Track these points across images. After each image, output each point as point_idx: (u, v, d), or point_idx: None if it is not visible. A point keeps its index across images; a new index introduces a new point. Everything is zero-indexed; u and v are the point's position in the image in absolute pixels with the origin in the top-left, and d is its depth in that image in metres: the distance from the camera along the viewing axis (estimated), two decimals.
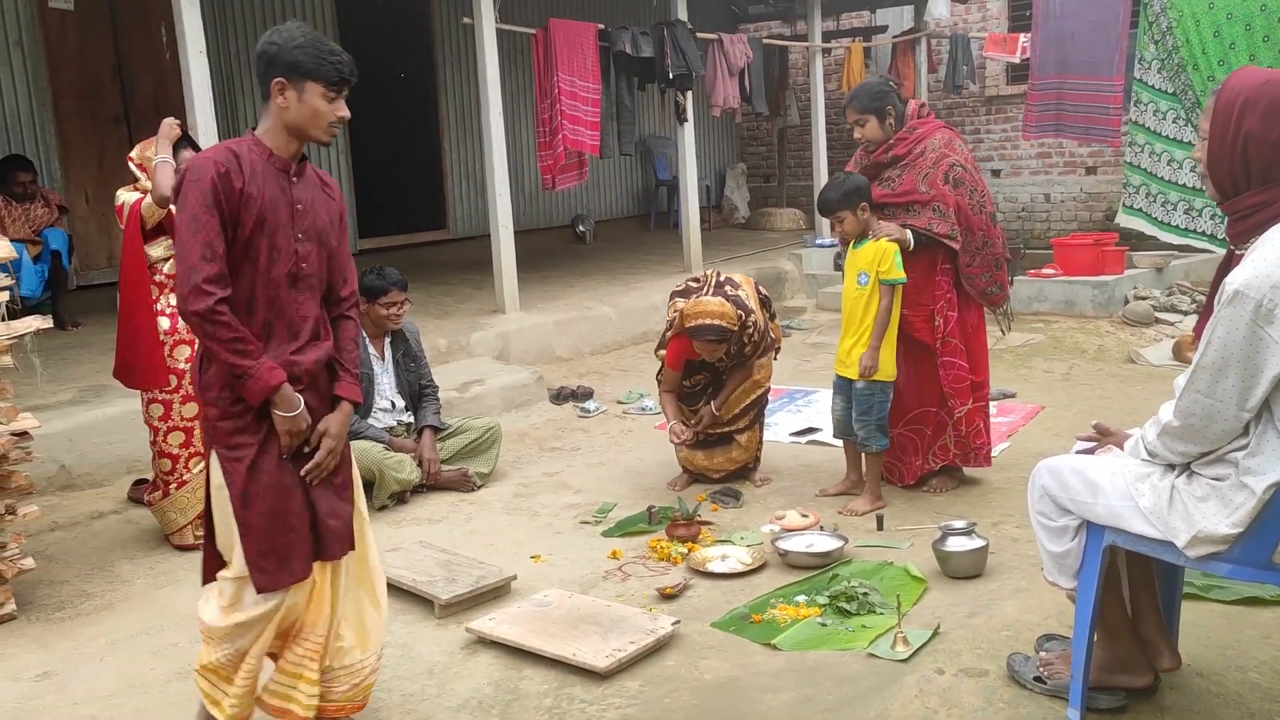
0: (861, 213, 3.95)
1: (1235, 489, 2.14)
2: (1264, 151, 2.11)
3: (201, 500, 3.95)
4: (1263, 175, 2.13)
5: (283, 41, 2.38)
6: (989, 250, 4.12)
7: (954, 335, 4.12)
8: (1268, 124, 2.09)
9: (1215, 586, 3.10)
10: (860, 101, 4.08)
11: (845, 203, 3.95)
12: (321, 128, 2.44)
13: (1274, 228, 2.12)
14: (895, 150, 4.06)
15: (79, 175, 7.60)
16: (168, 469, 4.03)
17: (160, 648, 3.26)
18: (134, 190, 4.03)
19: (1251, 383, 2.07)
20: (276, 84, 2.38)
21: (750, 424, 4.51)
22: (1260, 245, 2.12)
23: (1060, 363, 6.51)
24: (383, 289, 4.53)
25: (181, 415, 4.00)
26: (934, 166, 4.03)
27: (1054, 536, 2.48)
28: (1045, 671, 2.66)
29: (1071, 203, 11.14)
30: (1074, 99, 8.45)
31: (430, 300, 7.62)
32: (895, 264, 3.91)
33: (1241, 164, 2.14)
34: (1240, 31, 6.86)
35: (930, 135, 4.08)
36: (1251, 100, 2.11)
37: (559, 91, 7.24)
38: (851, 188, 3.95)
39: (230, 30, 8.23)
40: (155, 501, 4.08)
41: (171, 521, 4.05)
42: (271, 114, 2.42)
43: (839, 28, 12.18)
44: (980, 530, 3.55)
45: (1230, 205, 2.19)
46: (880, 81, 4.22)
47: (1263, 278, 2.04)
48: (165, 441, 4.02)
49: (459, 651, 3.12)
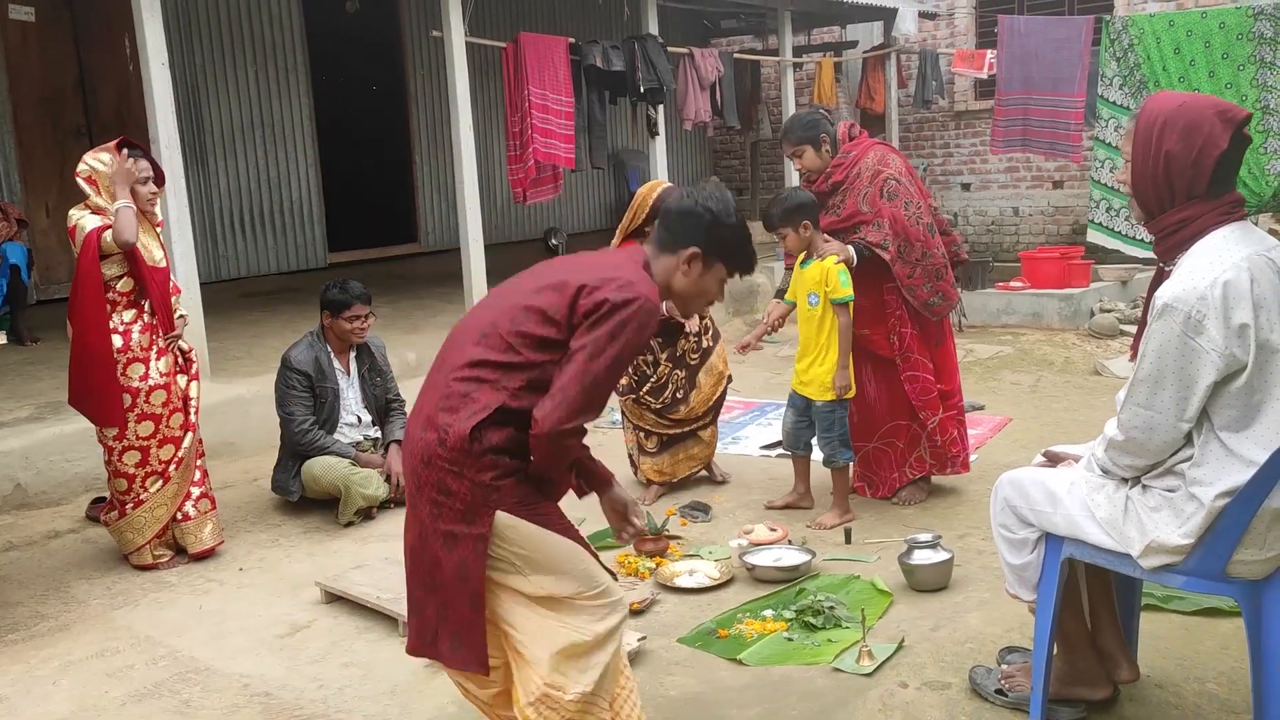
0: (803, 230, 3.95)
1: (1185, 500, 2.17)
2: (1184, 170, 2.16)
3: (160, 519, 3.96)
4: (1185, 192, 2.18)
5: (719, 212, 2.27)
6: (929, 261, 4.11)
7: (914, 349, 4.14)
8: (1186, 144, 2.15)
9: (1175, 598, 3.12)
10: (795, 133, 4.13)
11: (786, 220, 3.95)
12: (698, 305, 2.40)
13: (1198, 243, 2.17)
14: (834, 177, 4.11)
15: (40, 188, 7.50)
16: (124, 489, 3.96)
17: (116, 670, 3.20)
18: (87, 210, 3.88)
19: (1187, 393, 2.11)
20: (691, 253, 2.27)
21: (713, 419, 4.62)
22: (1186, 260, 2.17)
23: (1028, 375, 6.57)
24: (345, 303, 4.49)
25: (137, 434, 3.93)
26: (870, 185, 4.07)
27: (1014, 549, 2.49)
28: (1007, 684, 2.67)
29: (1039, 216, 11.26)
30: (1039, 114, 8.57)
31: (400, 314, 7.57)
32: (840, 282, 3.92)
33: (1164, 183, 2.19)
34: (1200, 48, 6.99)
35: (864, 156, 4.12)
36: (1170, 121, 2.17)
37: (530, 105, 7.23)
38: (794, 204, 3.96)
39: (194, 41, 8.16)
40: (112, 522, 4.01)
41: (129, 541, 3.98)
42: (663, 267, 2.28)
43: (810, 43, 12.27)
44: (946, 543, 3.57)
45: (1156, 224, 2.25)
46: (810, 111, 4.28)
47: (1190, 290, 2.09)
48: (120, 461, 3.94)
49: (423, 670, 3.08)
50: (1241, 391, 2.10)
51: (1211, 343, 2.07)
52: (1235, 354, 2.07)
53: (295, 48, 8.82)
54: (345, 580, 3.62)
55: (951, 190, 11.75)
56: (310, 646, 3.30)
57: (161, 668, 3.20)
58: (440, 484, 2.14)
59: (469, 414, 2.12)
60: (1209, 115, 2.15)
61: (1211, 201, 2.18)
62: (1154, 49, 7.14)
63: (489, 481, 2.12)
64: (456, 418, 2.12)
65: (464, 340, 2.24)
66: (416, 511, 2.23)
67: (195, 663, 3.22)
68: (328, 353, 4.57)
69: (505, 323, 2.18)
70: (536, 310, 2.16)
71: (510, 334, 2.16)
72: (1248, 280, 2.08)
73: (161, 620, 3.55)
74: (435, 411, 2.17)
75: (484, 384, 2.14)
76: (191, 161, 7.80)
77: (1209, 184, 2.16)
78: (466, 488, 2.12)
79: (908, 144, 11.81)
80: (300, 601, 3.65)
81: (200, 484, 4.11)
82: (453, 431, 2.11)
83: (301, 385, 4.46)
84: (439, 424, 2.14)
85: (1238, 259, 2.11)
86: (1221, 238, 2.16)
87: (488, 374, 2.15)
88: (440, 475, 2.14)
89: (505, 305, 2.23)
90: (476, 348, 2.18)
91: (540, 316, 2.15)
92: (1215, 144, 2.14)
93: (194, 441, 4.08)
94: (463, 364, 2.18)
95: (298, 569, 3.96)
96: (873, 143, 4.20)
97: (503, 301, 2.26)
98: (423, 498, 2.19)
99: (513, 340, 2.15)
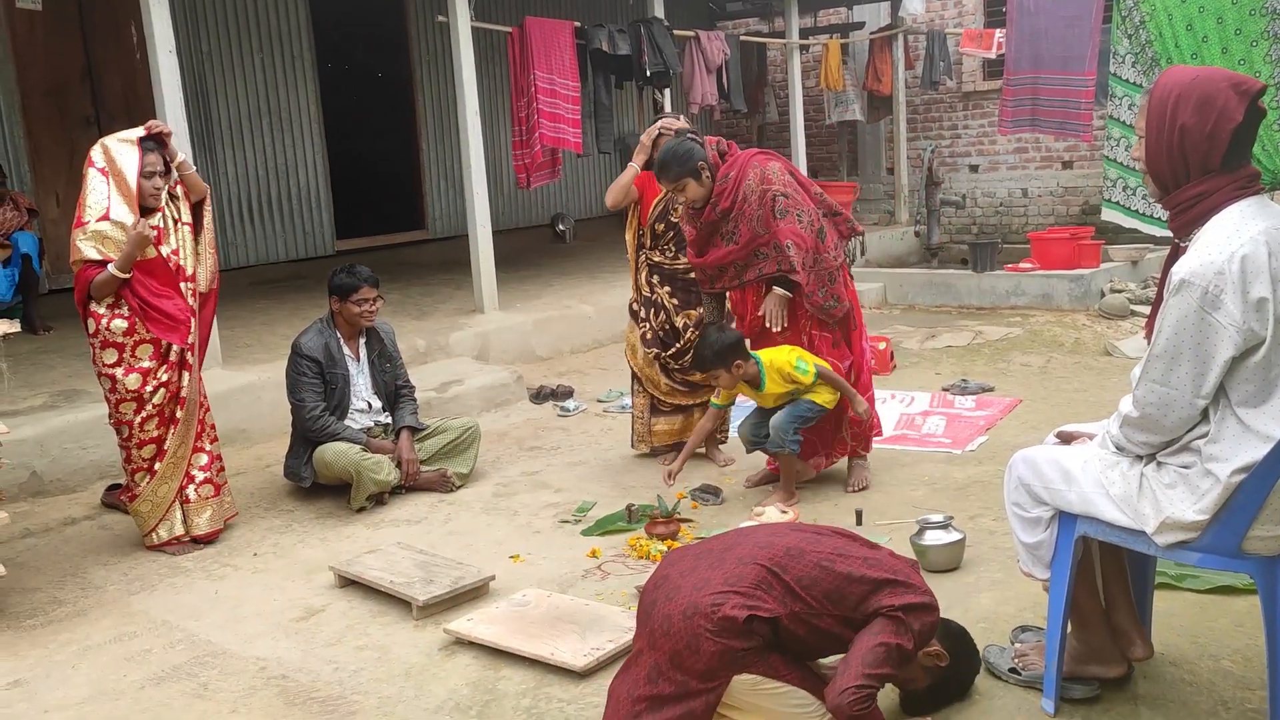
0: (737, 370, 3.97)
1: (1201, 476, 2.16)
2: (1199, 143, 2.15)
3: (169, 494, 3.96)
4: (1200, 167, 2.17)
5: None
6: (820, 267, 4.10)
7: (824, 349, 4.17)
8: (1201, 117, 2.13)
9: (1188, 576, 3.12)
10: (673, 170, 4.04)
11: (718, 361, 3.96)
12: None
13: (1214, 217, 2.16)
14: (722, 204, 4.08)
15: (49, 177, 7.52)
16: (150, 455, 3.99)
17: (133, 654, 3.22)
18: (90, 242, 3.85)
19: (1204, 369, 2.10)
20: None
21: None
22: (1203, 235, 2.16)
23: (1038, 356, 6.55)
24: (354, 286, 4.50)
25: (154, 403, 3.95)
26: (760, 206, 4.05)
27: (1028, 527, 2.49)
28: (1020, 663, 2.67)
29: (1048, 197, 11.20)
30: (1048, 94, 8.50)
31: (409, 301, 7.59)
32: (801, 372, 3.96)
33: (1179, 157, 2.18)
34: (1212, 25, 6.91)
35: (744, 177, 4.06)
36: (1184, 95, 2.16)
37: (536, 89, 7.21)
38: (722, 346, 3.96)
39: (201, 29, 8.16)
40: (131, 500, 4.04)
41: (145, 520, 4.01)
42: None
43: (817, 24, 12.20)
44: (957, 523, 3.56)
45: (1171, 199, 2.23)
46: (679, 141, 4.12)
47: (1206, 265, 2.08)
48: (142, 430, 3.97)
49: (437, 653, 3.10)
50: (1259, 366, 2.09)
51: (1229, 318, 2.06)
52: (1253, 329, 2.06)
53: (302, 35, 8.81)
54: (359, 565, 3.64)
55: (960, 172, 11.69)
56: (325, 630, 3.32)
57: (179, 651, 3.22)
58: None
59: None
60: (1223, 88, 2.13)
61: (1227, 175, 2.16)
62: (1166, 26, 7.06)
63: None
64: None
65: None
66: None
67: (212, 646, 3.24)
68: (337, 339, 4.58)
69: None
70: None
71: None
72: (1265, 254, 2.07)
73: (178, 605, 3.58)
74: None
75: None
76: (199, 150, 7.81)
77: (1224, 157, 2.15)
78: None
79: (915, 125, 11.75)
80: (314, 586, 3.67)
81: (206, 469, 4.12)
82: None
83: (312, 371, 4.48)
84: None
85: (1255, 233, 2.09)
86: (1238, 212, 2.14)
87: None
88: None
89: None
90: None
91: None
92: (1230, 117, 2.12)
93: (186, 428, 4.07)
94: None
95: (311, 554, 3.98)
96: (747, 157, 4.14)
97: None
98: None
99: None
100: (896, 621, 2.32)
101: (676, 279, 4.70)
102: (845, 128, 11.95)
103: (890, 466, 4.56)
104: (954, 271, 8.82)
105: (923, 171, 10.41)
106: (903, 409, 5.51)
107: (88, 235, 3.86)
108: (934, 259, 10.32)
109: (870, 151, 12.31)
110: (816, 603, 2.36)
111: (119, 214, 3.88)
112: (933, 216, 10.41)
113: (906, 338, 7.22)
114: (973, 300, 8.24)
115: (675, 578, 2.45)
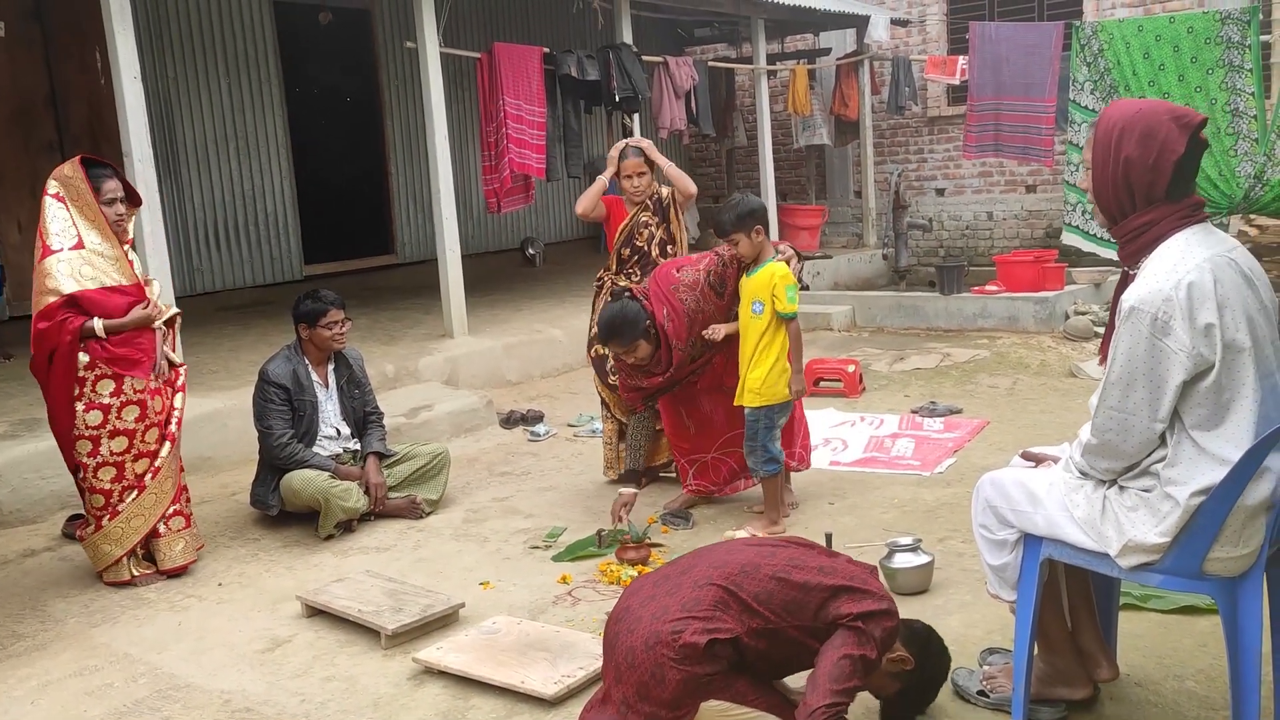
0: (755, 235, 3.97)
1: (1161, 499, 2.20)
2: (1143, 175, 2.20)
3: (138, 530, 3.90)
4: (1145, 197, 2.22)
5: None
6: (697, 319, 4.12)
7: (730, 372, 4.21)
8: (1144, 149, 2.18)
9: (1153, 596, 3.15)
10: (625, 336, 3.98)
11: (739, 225, 3.95)
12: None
13: (1161, 245, 2.21)
14: (676, 358, 4.10)
15: (11, 204, 7.42)
16: (100, 504, 3.91)
17: (94, 688, 3.16)
18: (66, 267, 3.77)
19: (1159, 393, 2.14)
20: None
21: None
22: (1150, 262, 2.21)
23: (1005, 377, 6.62)
24: (322, 310, 4.48)
25: (110, 450, 3.88)
26: (688, 324, 4.06)
27: (994, 549, 2.51)
28: (989, 685, 2.69)
29: (1013, 220, 11.36)
30: (1011, 119, 8.66)
31: (378, 326, 7.55)
32: (788, 298, 3.95)
33: (1125, 189, 2.23)
34: (1169, 53, 7.08)
35: (666, 327, 4.04)
36: (1128, 129, 2.21)
37: (505, 115, 7.24)
38: (745, 210, 3.95)
39: (167, 54, 8.11)
40: (88, 536, 3.96)
41: (105, 555, 3.93)
42: None
43: (784, 50, 12.34)
44: (926, 546, 3.59)
45: (1119, 229, 2.28)
46: (619, 306, 4.02)
47: (1155, 293, 2.13)
48: (95, 477, 3.89)
49: (406, 682, 3.07)
50: (1210, 390, 2.13)
51: (1179, 343, 2.10)
52: (1203, 353, 2.11)
53: (268, 60, 8.78)
54: (326, 594, 3.60)
55: (926, 195, 11.84)
56: (291, 661, 3.27)
57: (141, 685, 3.16)
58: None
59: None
60: (1165, 120, 2.18)
61: (1172, 205, 2.21)
62: (1124, 54, 7.23)
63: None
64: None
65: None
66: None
67: (175, 680, 3.19)
68: (305, 365, 4.55)
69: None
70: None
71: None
72: (1211, 281, 2.12)
73: (140, 637, 3.52)
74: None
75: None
76: (165, 175, 7.74)
77: (1168, 188, 2.20)
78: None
79: (882, 149, 11.90)
80: (281, 616, 3.62)
81: (176, 500, 4.07)
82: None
83: (279, 399, 4.44)
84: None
85: (1200, 260, 2.14)
86: (1184, 240, 2.19)
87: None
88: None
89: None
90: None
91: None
92: (1172, 149, 2.17)
93: (172, 454, 4.03)
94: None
95: (278, 583, 3.93)
96: (655, 297, 4.10)
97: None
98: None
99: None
100: (857, 632, 2.34)
101: None
102: (813, 152, 12.09)
103: (860, 489, 4.58)
104: (922, 294, 8.91)
105: (890, 195, 10.54)
106: (872, 431, 5.54)
107: (63, 262, 3.79)
108: (902, 281, 10.43)
109: (838, 175, 12.44)
110: (775, 616, 2.38)
111: (93, 242, 3.84)
112: (900, 239, 10.54)
113: (875, 360, 7.28)
114: (940, 322, 8.34)
115: (635, 608, 2.45)
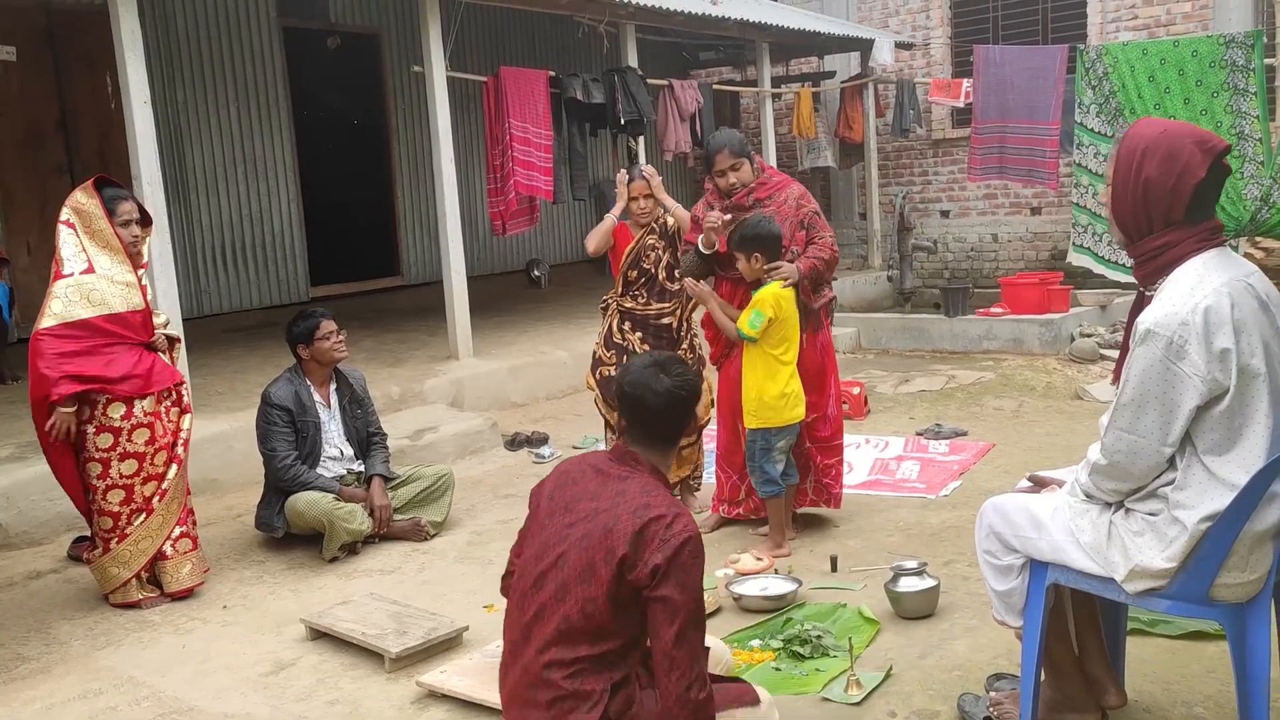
0: (754, 261, 4.04)
1: (1168, 523, 2.18)
2: (1162, 197, 2.20)
3: (145, 552, 3.91)
4: (1163, 219, 2.22)
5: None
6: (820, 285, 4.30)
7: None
8: (1165, 171, 2.19)
9: (1161, 622, 3.13)
10: (736, 145, 4.29)
11: (740, 246, 4.06)
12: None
13: (1178, 268, 2.20)
14: (757, 194, 4.28)
15: (21, 227, 7.47)
16: (108, 526, 3.92)
17: (98, 711, 3.15)
18: (74, 290, 3.79)
19: (1170, 417, 2.13)
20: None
21: (696, 436, 4.70)
22: (1167, 285, 2.20)
23: (1010, 400, 6.61)
24: (315, 325, 4.52)
25: (120, 473, 3.89)
26: (796, 214, 4.25)
27: (1000, 575, 2.50)
28: (995, 711, 2.67)
29: (1018, 242, 11.37)
30: (1015, 142, 8.68)
31: (383, 348, 7.56)
32: (750, 318, 4.00)
33: (1143, 209, 2.23)
34: (1174, 76, 7.10)
35: (788, 186, 4.33)
36: (1150, 149, 2.21)
37: (511, 138, 7.28)
38: (749, 234, 4.05)
39: (176, 79, 8.19)
40: (95, 559, 3.96)
41: (113, 577, 3.93)
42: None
43: (789, 73, 12.40)
44: (931, 570, 3.57)
45: (1136, 248, 2.28)
46: (733, 130, 4.47)
47: (1171, 316, 2.12)
48: (104, 500, 3.90)
49: (410, 706, 3.06)
50: (1224, 416, 2.12)
51: (1194, 368, 2.10)
52: (1217, 379, 2.10)
53: (277, 84, 8.86)
54: (330, 616, 3.59)
55: (931, 217, 11.86)
56: (295, 684, 3.26)
57: (145, 708, 3.16)
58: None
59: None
60: (1188, 144, 2.18)
61: (1190, 228, 2.21)
62: (1128, 77, 7.25)
63: None
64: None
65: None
66: None
67: (179, 703, 3.18)
68: (308, 387, 4.56)
69: (577, 615, 2.16)
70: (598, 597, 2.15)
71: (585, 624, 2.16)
72: (1228, 305, 2.11)
73: (145, 660, 3.51)
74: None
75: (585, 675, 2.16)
76: (174, 198, 7.80)
77: (1187, 211, 2.19)
78: None
79: (886, 171, 11.93)
80: (285, 639, 3.61)
81: (183, 522, 4.07)
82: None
83: (282, 420, 4.45)
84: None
85: (1218, 284, 2.14)
86: (1201, 263, 2.19)
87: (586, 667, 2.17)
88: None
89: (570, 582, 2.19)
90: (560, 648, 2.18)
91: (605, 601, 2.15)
92: (1193, 173, 2.17)
93: (179, 475, 4.04)
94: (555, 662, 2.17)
95: (282, 606, 3.92)
96: (789, 179, 4.42)
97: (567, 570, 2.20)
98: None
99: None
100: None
101: (648, 324, 4.75)
102: (818, 174, 12.12)
103: (865, 512, 4.57)
104: (927, 316, 8.91)
105: (895, 217, 10.56)
106: (877, 454, 5.53)
107: (71, 286, 3.81)
108: (907, 303, 10.42)
109: (843, 197, 12.47)
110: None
111: (104, 266, 3.87)
112: (905, 261, 10.54)
113: (880, 382, 7.28)
114: (945, 344, 8.33)
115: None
